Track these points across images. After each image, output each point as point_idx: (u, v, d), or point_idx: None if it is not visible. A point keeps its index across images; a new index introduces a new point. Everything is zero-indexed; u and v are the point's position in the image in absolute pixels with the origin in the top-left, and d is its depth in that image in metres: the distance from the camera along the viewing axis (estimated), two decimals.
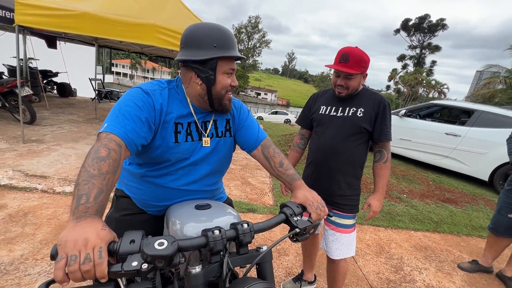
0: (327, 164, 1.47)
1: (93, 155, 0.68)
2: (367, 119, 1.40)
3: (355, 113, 1.41)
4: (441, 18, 45.72)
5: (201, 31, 0.89)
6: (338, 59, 1.36)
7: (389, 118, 1.42)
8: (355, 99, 1.44)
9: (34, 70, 6.82)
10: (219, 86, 0.92)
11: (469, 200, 4.15)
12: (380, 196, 1.44)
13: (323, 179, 1.49)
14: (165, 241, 0.56)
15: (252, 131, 1.09)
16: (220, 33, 0.89)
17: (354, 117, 1.41)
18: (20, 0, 3.43)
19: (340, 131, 1.43)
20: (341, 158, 1.44)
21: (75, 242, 0.52)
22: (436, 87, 37.13)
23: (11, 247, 1.92)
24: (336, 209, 1.47)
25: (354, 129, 1.41)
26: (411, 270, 2.32)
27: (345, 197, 1.47)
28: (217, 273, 0.66)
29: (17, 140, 3.99)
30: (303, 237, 0.81)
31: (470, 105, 5.62)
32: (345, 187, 1.46)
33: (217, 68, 0.90)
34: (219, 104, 0.97)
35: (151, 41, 3.66)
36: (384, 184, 1.44)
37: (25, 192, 2.71)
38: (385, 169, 1.43)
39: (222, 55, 0.87)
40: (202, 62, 0.88)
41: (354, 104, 1.43)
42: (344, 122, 1.43)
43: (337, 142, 1.43)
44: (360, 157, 1.47)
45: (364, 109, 1.41)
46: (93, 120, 6.18)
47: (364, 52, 1.35)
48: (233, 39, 0.92)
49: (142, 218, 1.07)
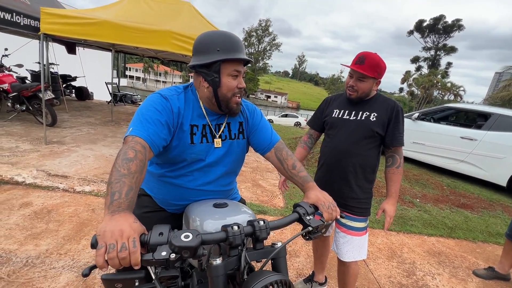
0: (339, 166, 1.50)
1: (122, 157, 0.76)
2: (380, 123, 1.42)
3: (368, 117, 1.44)
4: (457, 19, 44.46)
5: (206, 38, 0.96)
6: (354, 60, 1.41)
7: (402, 124, 1.44)
8: (368, 104, 1.47)
9: (55, 75, 7.15)
10: (225, 88, 0.97)
11: (486, 206, 4.03)
12: (394, 200, 1.45)
13: (335, 181, 1.51)
14: (190, 234, 0.62)
15: (266, 134, 1.14)
16: (223, 38, 0.95)
17: (367, 121, 1.44)
18: (45, 10, 3.65)
19: (353, 134, 1.46)
20: (353, 161, 1.46)
21: (112, 232, 0.59)
22: (451, 90, 36.03)
23: (37, 242, 2.04)
24: (347, 211, 1.49)
25: (367, 133, 1.44)
26: (424, 275, 2.29)
27: (356, 200, 1.49)
28: (235, 266, 0.71)
29: (40, 142, 4.21)
30: (315, 236, 0.85)
31: (486, 108, 5.46)
32: (357, 190, 1.48)
33: (221, 70, 0.95)
34: (226, 106, 1.01)
35: (166, 46, 3.79)
36: (397, 189, 1.45)
37: (48, 191, 2.87)
38: (397, 174, 1.44)
39: (224, 58, 0.92)
40: (207, 66, 0.95)
41: (368, 108, 1.46)
42: (356, 126, 1.46)
43: (350, 145, 1.46)
44: (372, 161, 1.49)
45: (377, 113, 1.43)
46: (109, 122, 6.40)
47: (382, 59, 1.39)
48: (237, 42, 0.96)
49: (162, 215, 1.14)
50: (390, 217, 1.43)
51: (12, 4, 4.43)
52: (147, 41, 3.80)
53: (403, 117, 1.45)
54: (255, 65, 63.75)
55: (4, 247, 1.93)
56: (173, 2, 4.94)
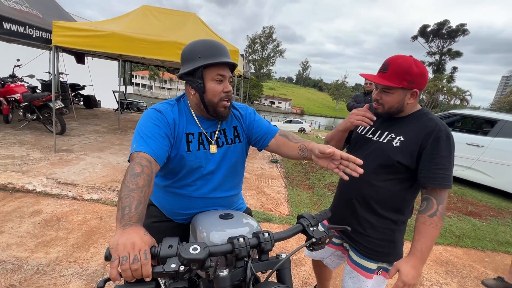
0: (347, 192, 1.29)
1: (130, 173, 0.80)
2: (405, 151, 1.10)
3: (391, 141, 1.14)
4: (461, 24, 44.53)
5: (188, 47, 1.02)
6: (380, 68, 1.14)
7: (447, 156, 1.04)
8: (400, 123, 1.16)
9: (64, 84, 7.35)
10: (210, 93, 1.01)
11: (494, 214, 3.96)
12: (416, 261, 1.03)
13: (343, 207, 1.30)
14: (198, 246, 0.65)
15: (264, 126, 1.18)
16: (203, 45, 1.00)
17: (389, 145, 1.14)
18: (57, 23, 3.80)
19: (369, 159, 1.15)
20: (361, 191, 1.21)
21: (124, 245, 0.62)
22: (457, 94, 35.72)
23: (47, 250, 2.09)
24: (353, 245, 1.27)
25: (383, 160, 1.14)
26: (431, 285, 2.26)
27: (365, 237, 1.22)
28: (241, 277, 0.73)
29: (50, 150, 4.32)
30: (319, 246, 0.87)
31: (492, 114, 5.41)
32: (366, 225, 1.22)
33: (205, 76, 0.99)
34: (214, 111, 1.05)
35: (173, 57, 3.89)
36: (425, 246, 1.03)
37: (58, 199, 2.93)
38: (429, 226, 1.03)
39: (204, 63, 0.97)
40: (192, 73, 1.00)
41: (395, 129, 1.16)
42: (374, 149, 1.18)
43: (365, 171, 1.19)
44: (389, 196, 1.16)
45: (404, 137, 1.12)
46: (116, 130, 6.52)
47: (414, 62, 1.07)
48: (218, 48, 1.00)
49: (169, 225, 1.18)
50: (402, 282, 1.02)
51: (25, 17, 4.62)
52: (154, 51, 3.91)
53: (448, 147, 1.04)
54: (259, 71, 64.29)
55: (16, 255, 1.98)
56: (180, 13, 5.09)
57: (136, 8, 4.99)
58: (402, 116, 1.16)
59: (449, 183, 1.05)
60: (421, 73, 1.07)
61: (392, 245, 1.22)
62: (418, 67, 1.07)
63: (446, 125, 1.09)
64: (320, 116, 64.43)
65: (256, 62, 64.66)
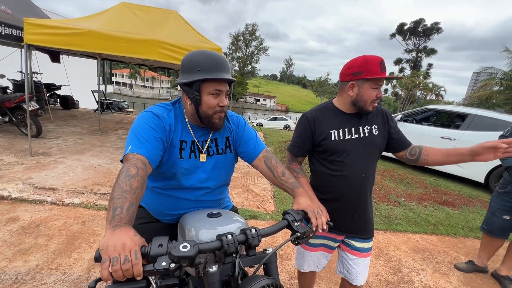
0: (357, 197, 1.31)
1: (124, 173, 0.80)
2: (382, 136, 1.30)
3: (371, 132, 1.28)
4: (435, 22, 46.65)
5: (189, 58, 1.01)
6: (379, 68, 1.16)
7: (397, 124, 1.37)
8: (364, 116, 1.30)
9: (39, 84, 6.98)
10: (205, 106, 1.01)
11: (466, 202, 4.25)
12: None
13: (353, 213, 1.33)
14: (188, 244, 0.67)
15: (251, 143, 1.19)
16: (204, 58, 0.99)
17: (372, 137, 1.29)
18: (29, 20, 3.60)
19: (363, 156, 1.28)
20: (369, 187, 1.34)
21: (114, 246, 0.63)
22: (433, 90, 37.52)
23: (26, 258, 2.02)
24: (364, 236, 1.38)
25: (376, 150, 1.31)
26: (409, 271, 2.41)
27: (369, 221, 1.38)
28: (230, 272, 0.77)
29: (25, 154, 4.11)
30: (303, 240, 0.92)
31: (463, 109, 5.77)
32: (372, 213, 1.40)
33: (202, 89, 1.00)
34: (208, 122, 1.06)
35: (154, 56, 3.81)
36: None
37: (36, 205, 2.81)
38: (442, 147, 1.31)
39: (202, 78, 0.97)
40: (189, 84, 1.00)
41: (365, 120, 1.29)
42: (364, 145, 1.28)
43: (364, 170, 1.29)
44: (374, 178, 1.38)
45: (377, 125, 1.29)
46: (96, 131, 6.30)
47: None
48: (218, 63, 1.00)
49: (157, 226, 1.19)
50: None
51: None
52: (134, 50, 3.81)
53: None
54: (243, 69, 64.03)
55: None
56: (160, 11, 4.97)
57: (115, 5, 4.82)
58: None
59: None
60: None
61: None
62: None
63: None
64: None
65: (240, 60, 64.33)
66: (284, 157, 5.36)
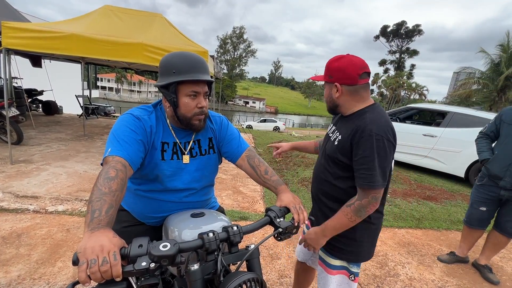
0: (313, 189, 1.35)
1: (104, 176, 0.80)
2: (341, 149, 1.11)
3: (335, 139, 1.17)
4: (416, 24, 48.27)
5: (165, 60, 1.01)
6: None
7: (369, 156, 1.00)
8: (344, 121, 1.18)
9: (19, 89, 6.75)
10: (183, 108, 1.01)
11: (448, 197, 4.41)
12: (318, 230, 1.17)
13: (313, 201, 1.37)
14: (168, 243, 0.68)
15: (235, 142, 1.21)
16: (179, 59, 0.98)
17: (332, 143, 1.19)
18: (6, 24, 3.50)
19: (322, 156, 1.28)
20: (322, 188, 1.25)
21: (92, 248, 0.62)
22: (416, 90, 38.76)
23: (7, 269, 1.95)
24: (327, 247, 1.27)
25: (330, 157, 1.18)
26: (395, 265, 2.48)
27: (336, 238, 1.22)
28: (213, 269, 0.78)
29: (5, 162, 3.96)
30: (285, 236, 0.94)
31: (443, 107, 6.01)
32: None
33: (179, 91, 0.99)
34: (187, 124, 1.05)
35: (139, 59, 3.78)
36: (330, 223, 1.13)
37: (17, 214, 2.72)
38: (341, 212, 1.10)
39: (178, 80, 0.96)
40: (166, 86, 0.99)
41: (340, 127, 1.19)
42: (325, 147, 1.26)
43: (321, 168, 1.26)
44: (345, 195, 1.14)
45: (341, 135, 1.14)
46: (81, 137, 6.14)
47: (338, 59, 1.12)
48: (194, 63, 0.98)
49: (141, 229, 1.18)
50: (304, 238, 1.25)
51: None
52: (119, 53, 3.77)
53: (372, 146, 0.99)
54: (232, 71, 64.00)
55: None
56: (144, 14, 4.93)
57: (98, 8, 4.75)
58: (348, 114, 1.16)
59: (372, 183, 1.01)
60: (338, 68, 1.10)
61: (354, 243, 1.19)
62: (338, 62, 1.10)
63: (379, 124, 1.02)
64: (294, 114, 65.91)
65: (228, 63, 64.27)
66: (274, 158, 5.39)
